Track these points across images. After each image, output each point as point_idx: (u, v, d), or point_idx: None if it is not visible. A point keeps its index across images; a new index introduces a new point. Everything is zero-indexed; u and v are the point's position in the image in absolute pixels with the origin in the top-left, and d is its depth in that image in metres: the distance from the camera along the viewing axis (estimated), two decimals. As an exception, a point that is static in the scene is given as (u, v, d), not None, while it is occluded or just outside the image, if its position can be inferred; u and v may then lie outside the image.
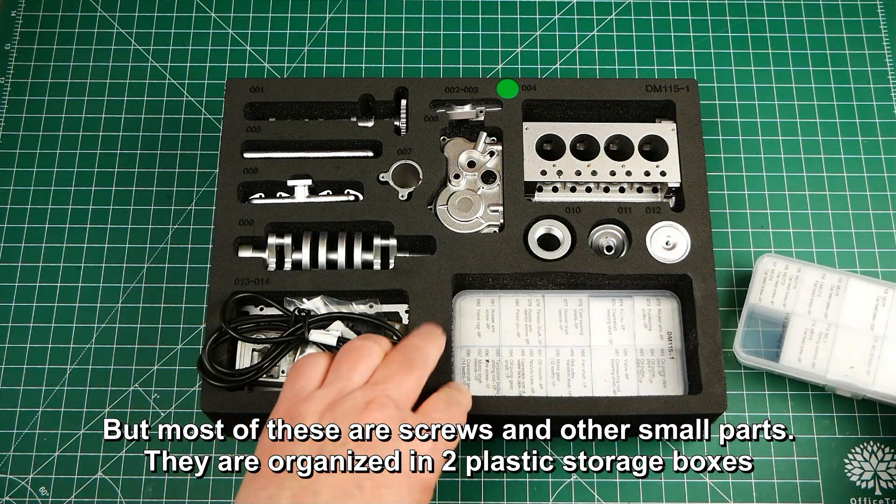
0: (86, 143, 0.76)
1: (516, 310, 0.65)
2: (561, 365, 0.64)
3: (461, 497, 0.66)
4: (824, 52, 0.80)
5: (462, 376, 0.64)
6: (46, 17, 0.81)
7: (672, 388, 0.64)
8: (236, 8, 0.81)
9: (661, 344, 0.65)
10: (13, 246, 0.73)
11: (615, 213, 0.66)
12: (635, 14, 0.81)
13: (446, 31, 0.81)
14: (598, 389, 0.64)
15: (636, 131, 0.69)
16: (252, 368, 0.62)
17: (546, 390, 0.63)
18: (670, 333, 0.65)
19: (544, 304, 0.65)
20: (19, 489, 0.67)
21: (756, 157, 0.76)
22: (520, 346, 0.64)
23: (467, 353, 0.64)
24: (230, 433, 0.58)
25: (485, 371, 0.64)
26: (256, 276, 0.65)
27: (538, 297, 0.65)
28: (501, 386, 0.63)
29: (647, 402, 0.62)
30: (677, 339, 0.65)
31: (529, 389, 0.63)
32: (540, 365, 0.64)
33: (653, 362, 0.64)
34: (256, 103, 0.69)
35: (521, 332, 0.64)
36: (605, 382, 0.64)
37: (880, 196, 0.75)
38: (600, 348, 0.64)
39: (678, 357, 0.65)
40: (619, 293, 0.65)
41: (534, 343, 0.64)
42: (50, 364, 0.70)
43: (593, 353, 0.64)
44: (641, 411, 0.61)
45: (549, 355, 0.64)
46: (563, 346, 0.64)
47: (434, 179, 0.67)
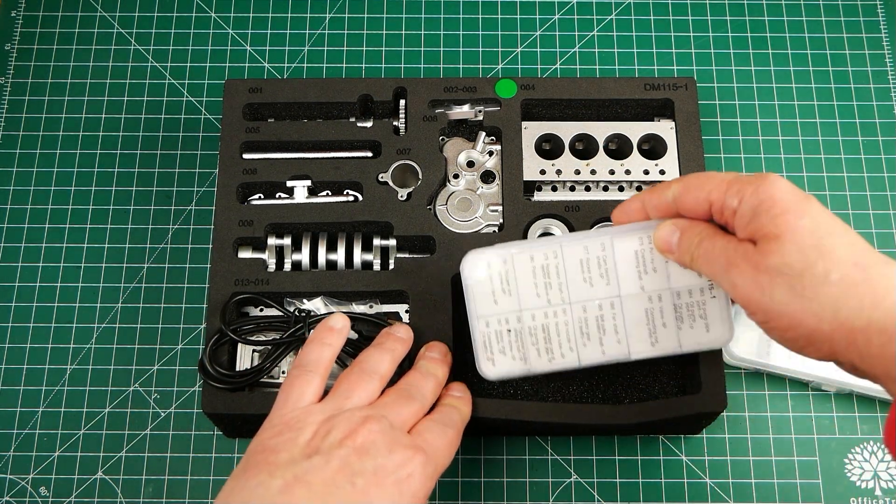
0: (86, 143, 0.77)
1: (532, 266, 0.57)
2: (590, 323, 0.57)
3: (461, 497, 0.66)
4: (824, 52, 0.80)
5: (485, 351, 0.58)
6: (46, 17, 0.81)
7: (717, 333, 0.56)
8: (236, 8, 0.81)
9: (699, 282, 0.56)
10: (13, 246, 0.73)
11: (615, 213, 0.66)
12: (635, 14, 0.81)
13: (446, 31, 0.81)
14: (634, 346, 0.57)
15: (635, 130, 0.69)
16: (253, 370, 0.62)
17: (578, 354, 0.57)
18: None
19: (562, 256, 0.57)
20: (19, 489, 0.67)
21: (756, 157, 0.76)
22: (542, 308, 0.57)
23: (486, 324, 0.57)
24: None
25: (508, 342, 0.57)
26: (256, 276, 0.65)
27: (555, 247, 0.57)
28: (529, 356, 0.57)
29: (648, 403, 0.62)
30: None
31: (559, 355, 0.57)
32: (567, 326, 0.57)
33: (692, 305, 0.56)
34: (255, 104, 0.69)
35: (542, 292, 0.57)
36: (642, 336, 0.57)
37: (880, 196, 0.75)
38: (631, 297, 0.56)
39: (720, 295, 0.56)
40: (646, 226, 0.56)
41: (556, 302, 0.57)
42: (50, 364, 0.70)
43: (624, 303, 0.57)
44: (643, 418, 0.61)
45: (575, 313, 0.57)
46: (590, 300, 0.57)
47: (433, 179, 0.67)
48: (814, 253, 0.46)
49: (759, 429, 0.68)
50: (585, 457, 0.67)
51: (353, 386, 0.55)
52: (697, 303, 0.56)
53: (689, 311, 0.56)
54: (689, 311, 0.56)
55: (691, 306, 0.56)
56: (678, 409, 0.61)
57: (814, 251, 0.46)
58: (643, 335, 0.57)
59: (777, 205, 0.47)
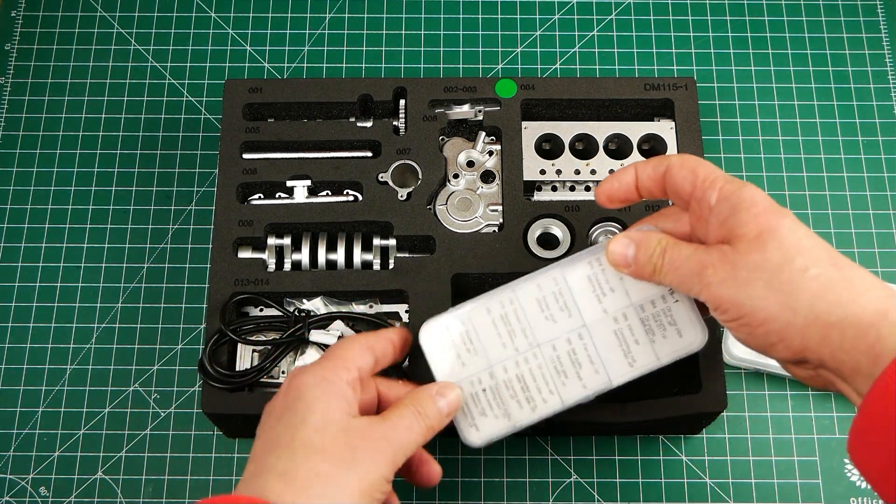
0: (86, 143, 0.77)
1: (490, 319, 0.55)
2: (563, 360, 0.55)
3: (461, 497, 0.66)
4: (824, 52, 0.80)
5: (466, 418, 0.55)
6: (46, 17, 0.81)
7: (690, 336, 0.55)
8: (236, 8, 0.81)
9: (657, 291, 0.55)
10: (13, 246, 0.73)
11: (614, 212, 0.66)
12: (635, 14, 0.81)
13: (446, 31, 0.81)
14: (612, 371, 0.55)
15: (635, 130, 0.69)
16: (252, 370, 0.62)
17: (559, 395, 0.55)
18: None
19: (518, 301, 0.55)
20: (19, 489, 0.67)
21: (756, 157, 0.76)
22: (512, 358, 0.55)
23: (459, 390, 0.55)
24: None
25: (486, 402, 0.55)
26: (256, 276, 0.65)
27: (509, 294, 0.56)
28: (511, 411, 0.55)
29: (648, 402, 0.62)
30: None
31: (541, 401, 0.55)
32: (541, 369, 0.55)
33: (658, 315, 0.55)
34: (255, 104, 0.69)
35: (507, 342, 0.55)
36: (617, 359, 0.55)
37: (880, 196, 0.75)
38: (597, 323, 0.55)
39: (683, 298, 0.55)
40: (592, 251, 0.56)
41: (524, 348, 0.55)
42: (50, 364, 0.70)
43: (591, 331, 0.55)
44: (643, 417, 0.61)
45: (546, 354, 0.55)
46: (558, 337, 0.55)
47: (433, 179, 0.67)
48: (794, 250, 0.47)
49: (759, 429, 0.68)
50: (585, 457, 0.67)
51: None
52: (663, 311, 0.55)
53: (658, 321, 0.55)
54: (656, 321, 0.55)
55: (658, 316, 0.55)
56: (678, 409, 0.61)
57: (794, 248, 0.47)
58: (619, 358, 0.55)
59: (758, 205, 0.48)
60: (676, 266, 0.50)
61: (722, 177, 0.51)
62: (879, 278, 0.48)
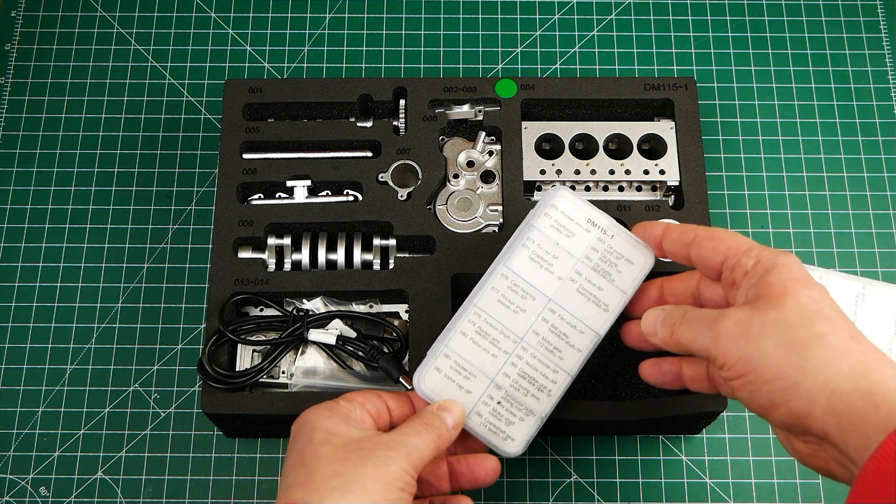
0: (86, 143, 0.77)
1: (468, 340, 0.57)
2: (549, 339, 0.57)
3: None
4: (824, 52, 0.80)
5: (497, 435, 0.56)
6: (46, 17, 0.81)
7: (640, 260, 0.57)
8: (236, 8, 0.82)
9: (590, 240, 0.57)
10: (13, 246, 0.73)
11: (614, 212, 0.66)
12: (635, 14, 0.81)
13: (446, 31, 0.81)
14: (594, 324, 0.57)
15: (635, 130, 0.69)
16: (252, 370, 0.62)
17: (563, 369, 0.56)
18: (590, 220, 0.58)
19: (483, 311, 0.57)
20: (19, 489, 0.67)
21: (756, 157, 0.76)
22: (506, 363, 0.57)
23: (478, 415, 0.56)
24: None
25: (507, 411, 0.56)
26: (256, 276, 0.65)
27: (473, 309, 0.57)
28: (531, 407, 0.56)
29: (648, 401, 0.62)
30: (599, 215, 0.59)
31: (551, 383, 0.56)
32: (536, 358, 0.57)
33: (604, 256, 0.57)
34: (255, 104, 0.69)
35: (495, 351, 0.57)
36: (592, 311, 0.57)
37: (880, 196, 0.75)
38: (559, 292, 0.57)
39: (617, 232, 0.57)
40: (520, 232, 0.58)
41: (511, 348, 0.57)
42: (50, 364, 0.70)
43: (559, 300, 0.57)
44: (643, 416, 0.61)
45: (532, 342, 0.57)
46: (534, 322, 0.57)
47: (433, 179, 0.67)
48: (813, 315, 0.46)
49: (759, 429, 0.68)
50: (585, 457, 0.67)
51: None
52: (606, 251, 0.57)
53: (607, 262, 0.57)
54: (606, 262, 0.57)
55: (604, 257, 0.57)
56: (678, 408, 0.61)
57: (814, 314, 0.46)
58: (592, 310, 0.57)
59: (791, 272, 0.48)
60: (693, 322, 0.50)
61: (757, 245, 0.50)
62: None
